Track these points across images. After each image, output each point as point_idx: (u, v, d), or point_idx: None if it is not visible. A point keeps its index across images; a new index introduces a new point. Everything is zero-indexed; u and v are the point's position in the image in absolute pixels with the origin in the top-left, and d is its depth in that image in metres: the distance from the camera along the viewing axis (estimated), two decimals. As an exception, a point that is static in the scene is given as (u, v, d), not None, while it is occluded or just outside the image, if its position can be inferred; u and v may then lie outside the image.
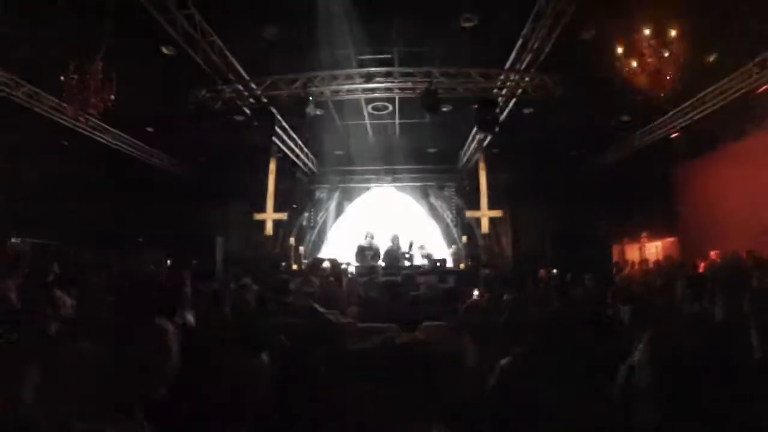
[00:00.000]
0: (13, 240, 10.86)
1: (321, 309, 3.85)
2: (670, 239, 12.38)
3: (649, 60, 6.67)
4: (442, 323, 3.35)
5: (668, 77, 6.67)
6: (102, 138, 11.11)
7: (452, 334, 3.25)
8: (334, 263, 9.13)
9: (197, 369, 2.52)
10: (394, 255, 10.64)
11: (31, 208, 11.17)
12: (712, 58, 8.50)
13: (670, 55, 6.58)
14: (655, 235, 12.91)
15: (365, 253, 10.35)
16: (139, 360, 2.17)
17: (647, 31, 6.68)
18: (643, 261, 11.31)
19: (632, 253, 13.33)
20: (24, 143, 10.57)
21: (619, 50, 6.93)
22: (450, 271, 10.51)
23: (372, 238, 10.55)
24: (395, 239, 10.78)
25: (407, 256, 10.85)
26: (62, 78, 7.14)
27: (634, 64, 6.85)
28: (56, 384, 2.05)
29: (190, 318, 3.89)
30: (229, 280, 6.31)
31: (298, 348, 3.05)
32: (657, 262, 10.71)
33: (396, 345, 3.16)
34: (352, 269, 10.23)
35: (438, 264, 10.39)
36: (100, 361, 2.09)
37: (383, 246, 10.92)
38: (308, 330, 3.46)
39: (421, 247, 11.24)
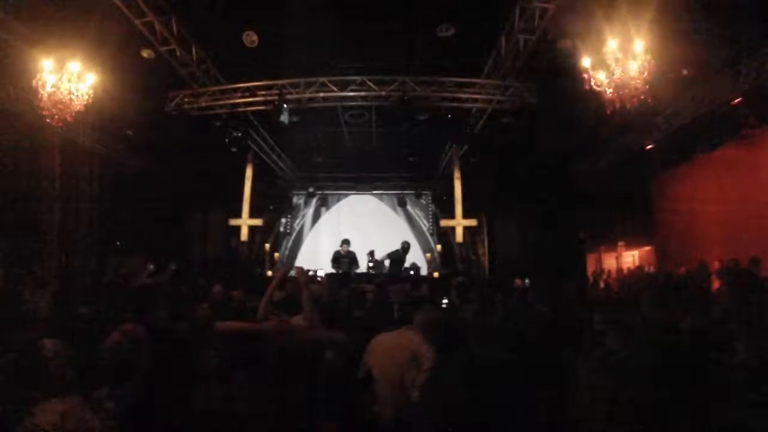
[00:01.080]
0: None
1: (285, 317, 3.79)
2: (647, 248, 12.44)
3: (617, 73, 6.68)
4: (404, 328, 3.28)
5: (637, 90, 6.66)
6: (80, 140, 10.77)
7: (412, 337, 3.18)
8: (300, 271, 9.01)
9: (169, 370, 2.48)
10: (400, 262, 10.60)
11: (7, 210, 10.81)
12: (686, 70, 8.54)
13: (640, 68, 6.58)
14: (631, 244, 12.98)
15: (341, 260, 10.23)
16: (109, 360, 2.16)
17: (615, 44, 6.69)
18: (619, 270, 11.37)
19: (609, 261, 13.38)
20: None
21: (589, 63, 6.95)
22: (423, 279, 10.45)
23: (348, 245, 10.44)
24: (406, 247, 10.64)
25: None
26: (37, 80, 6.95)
27: (603, 77, 6.86)
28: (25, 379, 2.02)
29: (165, 322, 3.83)
30: (204, 286, 6.21)
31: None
32: (630, 271, 10.76)
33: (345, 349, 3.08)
34: (321, 273, 10.15)
35: (412, 272, 10.31)
36: (71, 360, 2.07)
37: (380, 253, 10.89)
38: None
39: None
